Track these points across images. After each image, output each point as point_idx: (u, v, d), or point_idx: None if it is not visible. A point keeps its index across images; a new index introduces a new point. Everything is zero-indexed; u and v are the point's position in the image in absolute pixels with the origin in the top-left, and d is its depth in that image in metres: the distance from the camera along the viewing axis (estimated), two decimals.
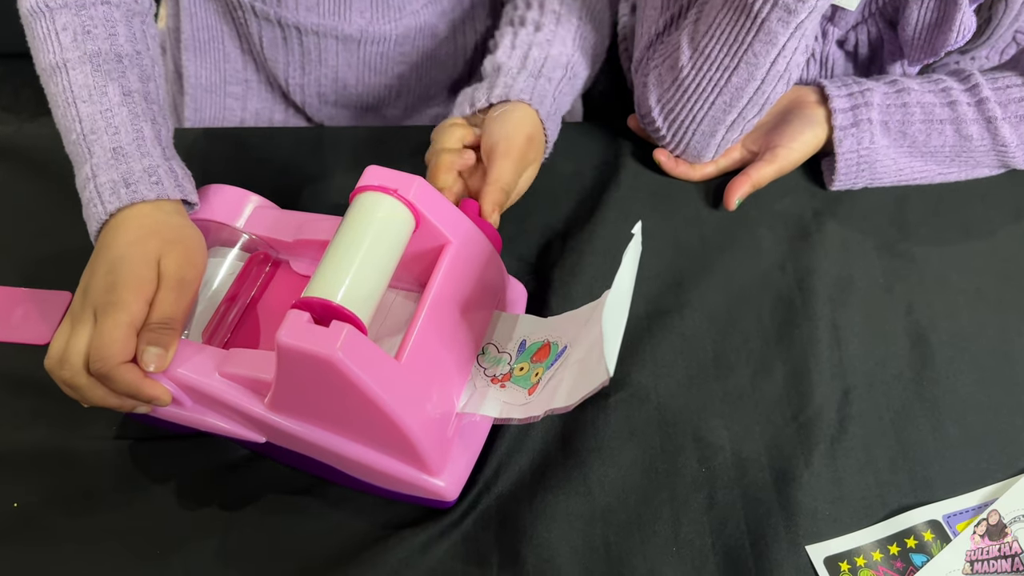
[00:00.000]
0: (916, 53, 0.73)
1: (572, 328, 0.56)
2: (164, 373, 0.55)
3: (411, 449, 0.53)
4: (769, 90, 0.68)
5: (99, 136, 0.58)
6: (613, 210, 0.73)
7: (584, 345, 0.54)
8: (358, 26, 0.81)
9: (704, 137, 0.72)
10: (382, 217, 0.54)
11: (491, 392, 0.56)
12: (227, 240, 0.62)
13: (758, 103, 0.69)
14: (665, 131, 0.73)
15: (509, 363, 0.58)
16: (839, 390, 0.64)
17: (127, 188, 0.57)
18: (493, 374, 0.57)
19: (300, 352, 0.49)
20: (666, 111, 0.72)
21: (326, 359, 0.48)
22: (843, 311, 0.68)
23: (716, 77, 0.68)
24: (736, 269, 0.70)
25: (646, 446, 0.62)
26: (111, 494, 0.60)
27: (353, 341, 0.49)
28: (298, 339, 0.49)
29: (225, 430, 0.57)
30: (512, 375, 0.57)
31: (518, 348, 0.58)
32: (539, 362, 0.56)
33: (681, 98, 0.70)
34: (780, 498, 0.59)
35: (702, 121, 0.71)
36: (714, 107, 0.69)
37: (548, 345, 0.57)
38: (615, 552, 0.57)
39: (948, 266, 0.71)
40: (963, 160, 0.75)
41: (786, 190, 0.75)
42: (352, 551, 0.57)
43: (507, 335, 0.59)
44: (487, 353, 0.59)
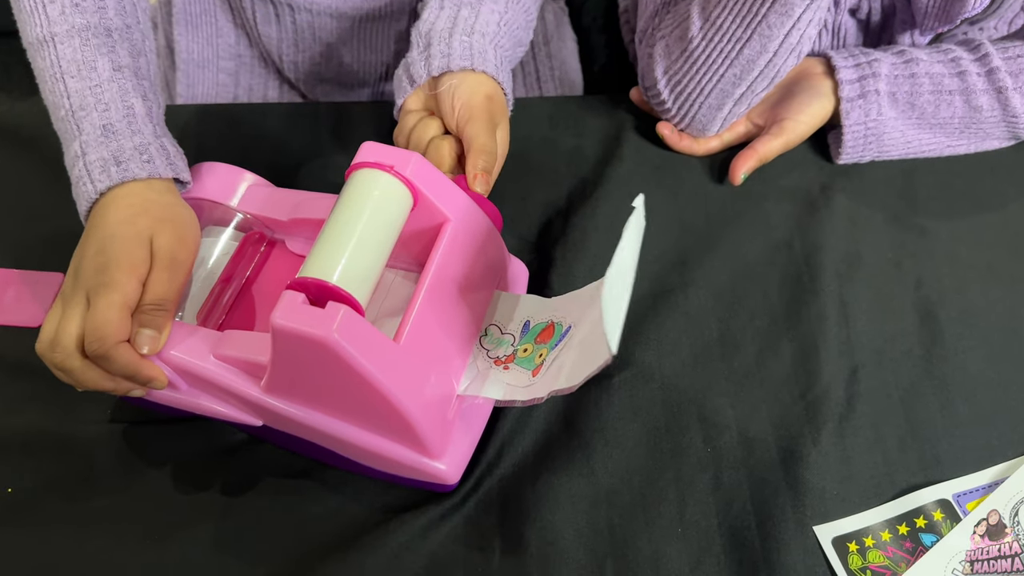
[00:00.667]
0: (930, 21, 0.71)
1: (576, 308, 0.55)
2: (158, 356, 0.54)
3: (411, 432, 0.52)
4: (781, 63, 0.66)
5: (88, 112, 0.57)
6: (616, 186, 0.72)
7: (588, 325, 0.52)
8: (353, 3, 0.79)
9: (711, 110, 0.70)
10: (379, 195, 0.52)
11: (494, 374, 0.55)
12: (221, 219, 0.60)
13: (768, 76, 0.67)
14: (671, 104, 0.72)
15: (512, 344, 0.56)
16: (847, 368, 0.63)
17: (118, 166, 0.56)
18: (496, 356, 0.56)
19: (295, 334, 0.48)
20: (673, 83, 0.70)
21: (322, 341, 0.47)
22: (851, 287, 0.67)
23: (727, 49, 0.66)
24: (742, 245, 0.69)
25: (650, 426, 0.60)
26: (106, 479, 0.59)
27: (350, 322, 0.48)
28: (293, 321, 0.47)
29: (221, 413, 0.56)
30: (516, 356, 0.55)
31: (521, 329, 0.57)
32: (543, 343, 0.55)
33: (689, 70, 0.69)
34: (787, 478, 0.58)
35: (710, 94, 0.69)
36: (723, 79, 0.68)
37: (552, 325, 0.56)
38: (619, 534, 0.56)
39: (958, 240, 0.70)
40: (972, 132, 0.73)
41: (793, 164, 0.73)
42: (352, 535, 0.56)
43: (510, 316, 0.58)
44: (489, 334, 0.57)
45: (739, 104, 0.70)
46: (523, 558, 0.56)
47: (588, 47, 1.07)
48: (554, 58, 0.92)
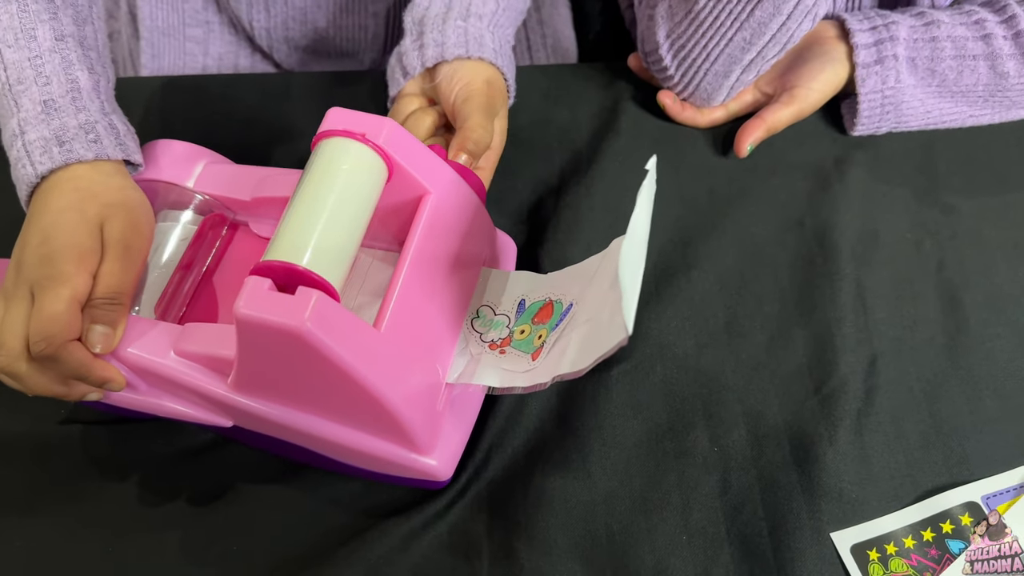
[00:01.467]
0: None
1: (576, 284, 0.50)
2: (113, 354, 0.49)
3: (397, 427, 0.48)
4: (794, 26, 0.61)
5: (27, 87, 0.51)
6: (612, 161, 0.67)
7: (593, 302, 0.48)
8: None
9: (717, 78, 0.65)
10: (349, 166, 0.47)
11: (489, 359, 0.50)
12: (177, 202, 0.55)
13: (780, 41, 0.62)
14: (673, 71, 0.66)
15: (508, 326, 0.51)
16: (865, 358, 0.58)
17: (60, 147, 0.50)
18: (490, 339, 0.51)
19: (262, 324, 0.43)
20: (676, 47, 0.65)
21: (293, 331, 0.42)
22: (868, 270, 0.62)
23: (737, 10, 0.60)
24: (749, 224, 0.64)
25: (652, 424, 0.56)
26: (59, 487, 0.54)
27: (323, 309, 0.43)
28: (259, 310, 0.43)
29: (187, 415, 0.51)
30: (512, 339, 0.51)
31: (517, 309, 0.52)
32: (542, 323, 0.50)
33: (695, 34, 0.63)
34: (801, 480, 0.54)
35: (716, 60, 0.63)
36: (732, 44, 0.62)
37: (551, 304, 0.51)
38: (619, 542, 0.52)
39: (982, 218, 0.65)
40: (997, 100, 0.68)
41: (804, 136, 0.68)
42: (327, 547, 0.52)
43: (503, 294, 0.53)
44: (482, 316, 0.52)
45: (748, 71, 0.64)
46: (514, 571, 0.51)
47: (582, 14, 1.02)
48: (546, 25, 0.87)
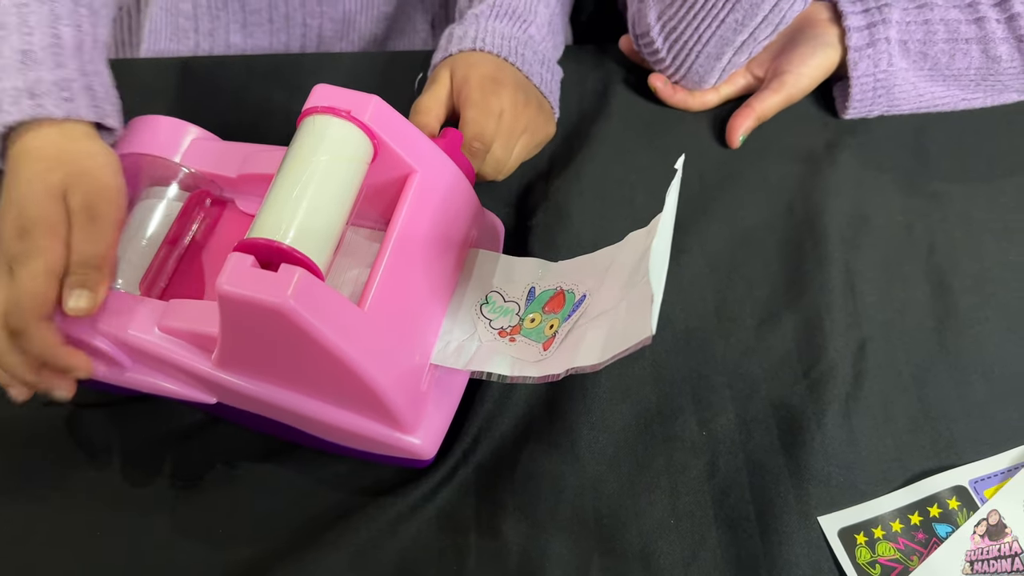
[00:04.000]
0: None
1: (590, 275, 0.50)
2: (97, 329, 0.48)
3: (381, 405, 0.47)
4: (787, 7, 0.60)
5: (8, 33, 0.50)
6: (602, 145, 0.66)
7: (609, 296, 0.47)
8: None
9: (709, 60, 0.64)
10: (334, 143, 0.47)
11: (499, 347, 0.49)
12: (162, 177, 0.55)
13: (773, 22, 0.61)
14: (664, 53, 0.65)
15: (517, 314, 0.51)
16: (854, 342, 0.58)
17: (32, 99, 0.49)
18: (500, 326, 0.51)
19: (245, 301, 0.42)
20: (667, 29, 0.64)
21: (275, 308, 0.42)
22: (858, 254, 0.61)
23: None
24: (739, 209, 0.64)
25: (640, 408, 0.55)
26: (41, 470, 0.54)
27: (306, 286, 0.42)
28: (242, 286, 0.42)
29: (171, 391, 0.51)
30: (522, 327, 0.50)
31: (527, 296, 0.51)
32: (553, 313, 0.50)
33: (687, 15, 0.62)
34: (789, 464, 0.53)
35: (708, 42, 0.63)
36: (724, 25, 0.62)
37: (562, 293, 0.50)
38: (607, 525, 0.52)
39: (972, 202, 0.64)
40: (989, 84, 0.68)
41: (795, 120, 0.68)
42: (314, 530, 0.52)
43: (511, 281, 0.53)
44: (491, 302, 0.52)
45: (740, 53, 0.64)
46: (501, 554, 0.51)
47: None
48: None
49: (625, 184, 0.65)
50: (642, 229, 0.48)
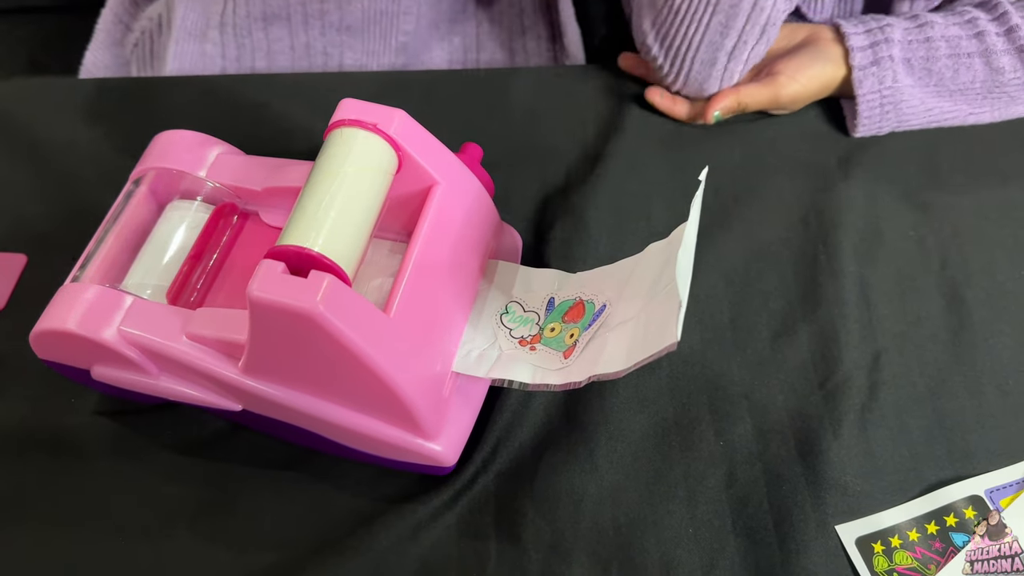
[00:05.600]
0: None
1: (609, 286, 0.51)
2: (126, 338, 0.49)
3: (404, 411, 0.48)
4: (768, 6, 0.61)
5: None
6: (617, 160, 0.67)
7: (630, 305, 0.48)
8: None
9: (704, 66, 0.66)
10: (361, 155, 0.48)
11: (520, 355, 0.50)
12: (188, 191, 0.56)
13: (758, 22, 0.62)
14: (662, 60, 0.67)
15: (537, 323, 0.52)
16: (869, 354, 0.58)
17: None
18: (520, 335, 0.52)
19: (275, 306, 0.43)
20: (661, 36, 0.66)
21: (305, 313, 0.43)
22: (872, 267, 0.62)
23: None
24: (754, 223, 0.64)
25: (658, 418, 0.56)
26: (70, 476, 0.55)
27: (335, 292, 0.43)
28: (272, 292, 0.43)
29: (197, 398, 0.52)
30: (542, 336, 0.51)
31: (546, 306, 0.52)
32: (573, 322, 0.50)
33: (674, 20, 0.64)
34: (806, 473, 0.54)
35: (699, 47, 0.64)
36: (710, 29, 0.63)
37: (581, 303, 0.51)
38: (625, 534, 0.52)
39: (984, 217, 0.65)
40: (996, 97, 0.69)
41: (808, 137, 0.69)
42: (334, 538, 0.52)
43: (531, 291, 0.53)
44: (511, 312, 0.53)
45: (733, 59, 0.65)
46: (521, 561, 0.51)
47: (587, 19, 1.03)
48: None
49: (640, 197, 0.66)
50: (661, 241, 0.49)
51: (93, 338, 0.50)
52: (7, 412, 0.57)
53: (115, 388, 0.53)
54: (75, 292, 0.51)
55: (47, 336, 0.51)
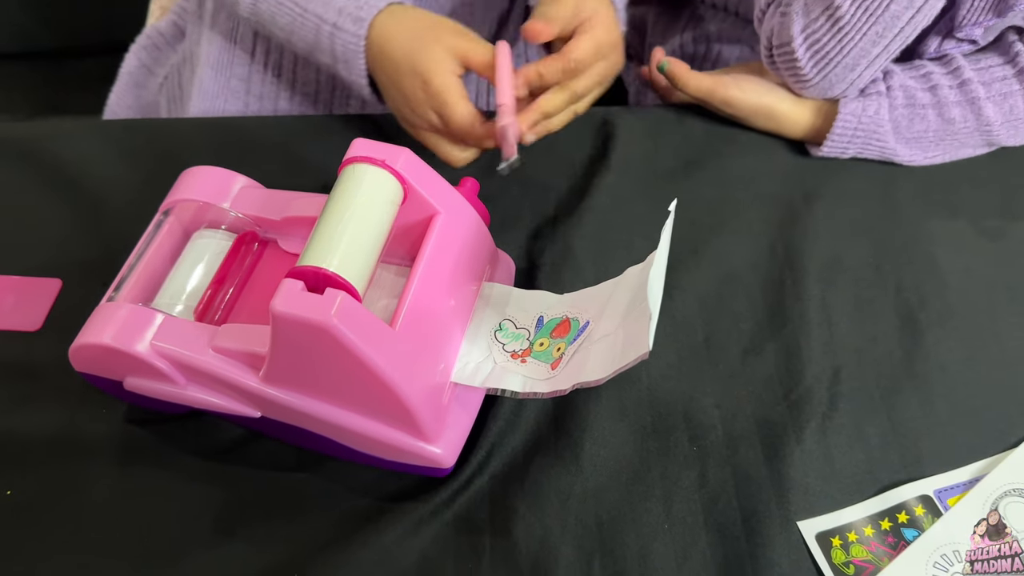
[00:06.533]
0: (975, 15, 0.72)
1: (592, 305, 0.57)
2: (156, 351, 0.55)
3: (408, 416, 0.53)
4: (921, 19, 0.67)
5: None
6: (602, 195, 0.74)
7: (609, 321, 0.54)
8: None
9: (844, 70, 0.71)
10: (371, 187, 0.54)
11: (512, 367, 0.56)
12: (214, 221, 0.62)
13: (906, 33, 0.68)
14: (805, 62, 0.72)
15: (528, 339, 0.58)
16: (829, 368, 0.64)
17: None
18: (512, 349, 0.58)
19: (295, 320, 0.49)
20: (811, 41, 0.71)
21: (321, 326, 0.48)
22: (833, 291, 0.68)
23: (873, 6, 0.67)
24: (727, 252, 0.71)
25: (637, 426, 0.62)
26: (101, 478, 0.60)
27: (348, 307, 0.49)
28: (293, 307, 0.49)
29: (219, 406, 0.57)
30: (532, 350, 0.57)
31: (536, 324, 0.58)
32: (560, 338, 0.56)
33: (831, 28, 0.69)
34: (771, 475, 0.59)
35: (849, 53, 0.70)
36: (865, 38, 0.68)
37: (568, 321, 0.57)
38: (607, 530, 0.57)
39: (936, 245, 0.71)
40: (947, 143, 0.75)
41: (775, 174, 0.75)
42: (342, 534, 0.57)
43: (522, 311, 0.59)
44: (504, 329, 0.59)
45: (872, 66, 0.70)
46: (512, 553, 0.57)
47: None
48: None
49: (624, 229, 0.72)
50: (638, 265, 0.55)
51: (128, 351, 0.55)
52: (45, 420, 0.62)
53: (144, 398, 0.59)
54: (111, 310, 0.57)
55: (85, 350, 0.57)
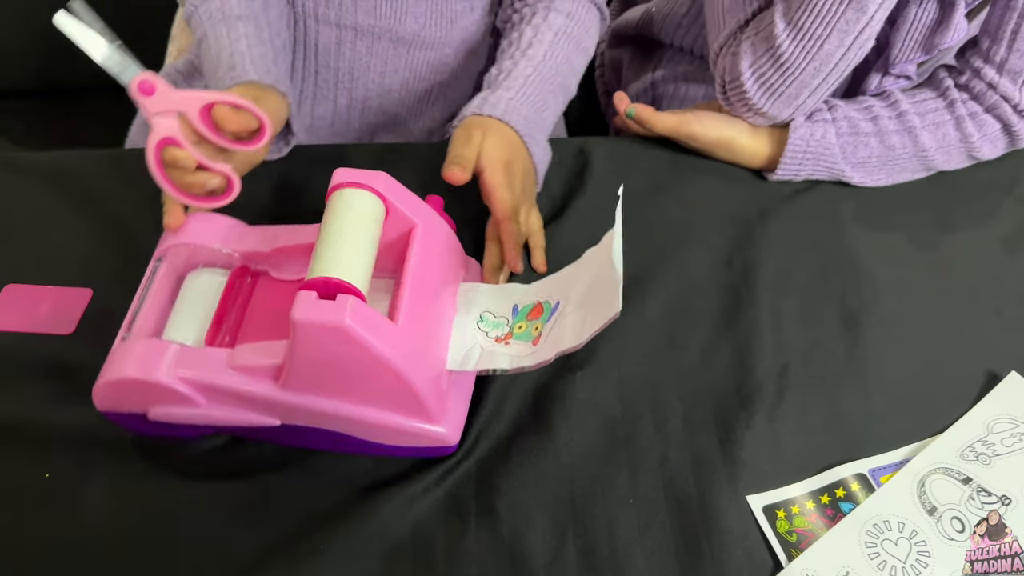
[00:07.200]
0: (907, 53, 0.81)
1: (559, 287, 0.66)
2: (179, 377, 0.59)
3: (416, 401, 0.60)
4: (852, 56, 0.76)
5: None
6: (580, 215, 0.82)
7: (577, 296, 0.63)
8: (411, 30, 0.89)
9: (788, 100, 0.79)
10: (359, 207, 0.61)
11: (499, 350, 0.65)
12: (207, 260, 0.68)
13: (841, 68, 0.76)
14: (753, 92, 0.80)
15: (507, 325, 0.66)
16: (778, 365, 0.72)
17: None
18: (496, 335, 0.66)
19: (313, 324, 0.55)
20: (757, 75, 0.79)
21: (337, 327, 0.54)
22: (783, 299, 0.76)
23: (809, 46, 0.75)
24: (689, 265, 0.79)
25: (608, 414, 0.69)
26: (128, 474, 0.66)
27: (358, 309, 0.56)
28: (311, 314, 0.55)
29: (241, 420, 0.62)
30: (513, 334, 0.65)
31: (512, 312, 0.67)
32: (536, 319, 0.65)
33: (774, 65, 0.77)
34: (724, 456, 0.67)
35: (791, 84, 0.78)
36: (804, 72, 0.77)
37: (540, 305, 0.66)
38: (579, 504, 0.65)
39: (877, 259, 0.80)
40: (888, 168, 0.84)
41: (733, 195, 0.84)
42: (344, 508, 0.64)
43: (499, 303, 0.68)
44: (485, 320, 0.67)
45: (813, 95, 0.79)
46: (496, 525, 0.64)
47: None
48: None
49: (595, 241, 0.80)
50: (595, 247, 0.64)
51: (151, 380, 0.59)
52: (80, 416, 0.68)
53: (165, 427, 0.63)
54: (127, 347, 0.62)
55: (109, 387, 0.61)
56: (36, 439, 0.67)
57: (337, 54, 0.90)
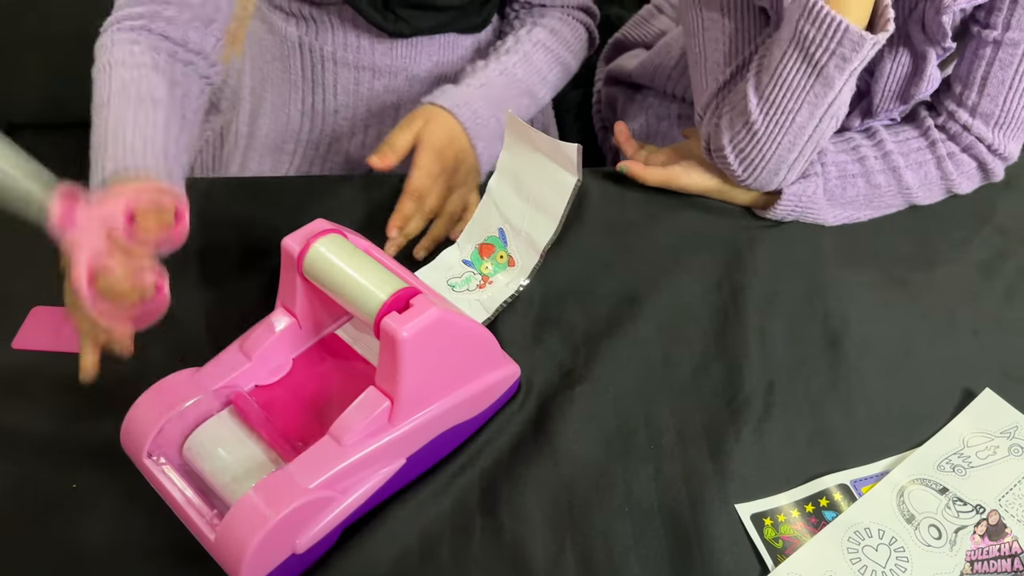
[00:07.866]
0: (886, 103, 0.86)
1: (490, 221, 0.74)
2: (313, 492, 0.59)
3: (494, 348, 0.69)
4: (824, 127, 0.79)
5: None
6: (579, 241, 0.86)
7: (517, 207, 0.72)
8: (426, 68, 0.94)
9: (770, 174, 0.83)
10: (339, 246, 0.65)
11: (488, 291, 0.73)
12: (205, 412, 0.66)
13: (815, 140, 0.80)
14: (735, 166, 0.84)
15: (476, 274, 0.75)
16: (765, 382, 0.76)
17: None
18: (476, 284, 0.75)
19: (420, 331, 0.59)
20: (737, 150, 0.82)
21: (438, 319, 0.60)
22: (770, 320, 0.81)
23: (781, 119, 0.78)
24: (681, 287, 0.83)
25: (605, 428, 0.73)
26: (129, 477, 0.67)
27: (433, 298, 0.62)
28: (411, 327, 0.58)
29: (376, 483, 0.63)
30: (488, 276, 0.74)
31: (468, 266, 0.75)
32: (491, 255, 0.74)
33: (751, 139, 0.81)
34: (715, 468, 0.71)
35: (770, 159, 0.81)
36: (780, 146, 0.80)
37: (486, 245, 0.74)
38: (577, 513, 0.68)
39: (860, 283, 0.84)
40: (874, 205, 0.88)
41: (723, 222, 0.89)
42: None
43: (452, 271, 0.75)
44: (456, 284, 0.75)
45: (792, 169, 0.82)
46: (499, 532, 0.67)
47: (563, 134, 1.24)
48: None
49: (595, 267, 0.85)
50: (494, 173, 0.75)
51: (293, 509, 0.57)
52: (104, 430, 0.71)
53: (317, 549, 0.62)
54: (244, 508, 0.57)
55: (257, 553, 0.57)
56: (65, 449, 0.71)
57: (355, 93, 0.95)
